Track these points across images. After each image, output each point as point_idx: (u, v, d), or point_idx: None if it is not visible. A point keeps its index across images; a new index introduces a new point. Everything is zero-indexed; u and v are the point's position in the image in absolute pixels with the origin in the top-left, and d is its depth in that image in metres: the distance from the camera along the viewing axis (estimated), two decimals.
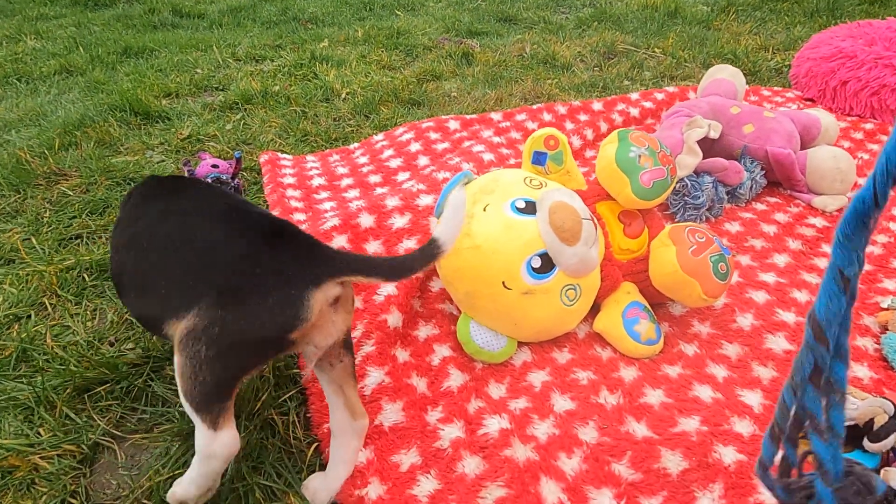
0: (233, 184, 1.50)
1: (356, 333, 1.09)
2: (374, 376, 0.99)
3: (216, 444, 0.71)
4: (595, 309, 1.13)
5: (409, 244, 1.24)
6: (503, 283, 1.01)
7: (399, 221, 1.30)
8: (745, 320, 1.12)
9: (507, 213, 1.03)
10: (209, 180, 1.48)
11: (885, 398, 0.85)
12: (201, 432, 0.72)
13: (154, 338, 1.07)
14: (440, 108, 2.16)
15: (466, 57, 2.75)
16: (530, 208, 1.04)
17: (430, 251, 0.74)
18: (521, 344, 1.09)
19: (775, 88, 2.21)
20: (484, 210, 1.05)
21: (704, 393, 0.97)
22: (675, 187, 1.41)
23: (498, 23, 3.55)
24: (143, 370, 1.01)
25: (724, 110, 1.54)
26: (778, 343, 1.07)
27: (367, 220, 1.29)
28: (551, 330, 1.07)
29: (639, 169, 1.09)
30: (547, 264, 1.01)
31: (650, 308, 1.10)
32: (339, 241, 1.25)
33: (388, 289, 1.15)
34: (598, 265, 1.07)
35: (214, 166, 1.50)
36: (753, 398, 0.96)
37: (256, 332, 0.70)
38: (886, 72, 1.85)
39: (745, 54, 2.79)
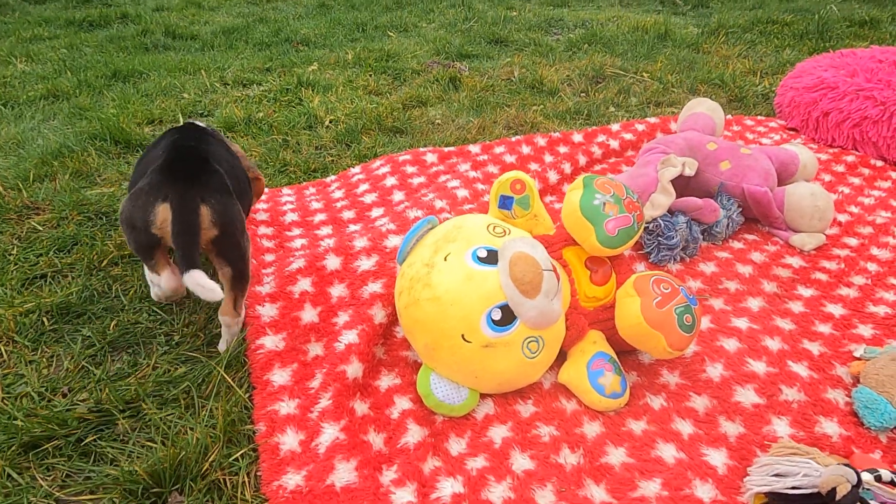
0: None
1: (314, 383, 1.06)
2: (329, 433, 0.95)
3: (161, 280, 1.07)
4: (562, 357, 1.10)
5: (374, 287, 1.22)
6: (462, 335, 0.98)
7: (365, 263, 1.27)
8: (715, 370, 1.09)
9: (469, 264, 1.00)
10: None
11: (848, 466, 0.81)
12: (147, 273, 1.15)
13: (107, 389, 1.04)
14: (423, 137, 2.13)
15: (453, 82, 2.74)
16: (492, 258, 1.01)
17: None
18: (484, 395, 1.05)
19: (759, 118, 2.18)
20: (445, 259, 1.02)
21: (668, 452, 0.94)
22: (649, 227, 1.38)
23: (489, 45, 3.54)
24: (94, 424, 0.98)
25: (700, 146, 1.52)
26: (747, 396, 1.03)
27: (333, 262, 1.26)
28: (513, 382, 1.04)
29: (604, 217, 1.06)
30: (508, 316, 0.98)
31: (616, 358, 1.07)
32: (303, 285, 1.23)
33: (349, 336, 1.12)
34: (562, 315, 1.03)
35: None
36: (718, 458, 0.93)
37: (130, 220, 1.03)
38: (868, 104, 1.82)
39: (733, 79, 2.77)
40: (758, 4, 4.57)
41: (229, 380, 1.05)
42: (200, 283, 0.96)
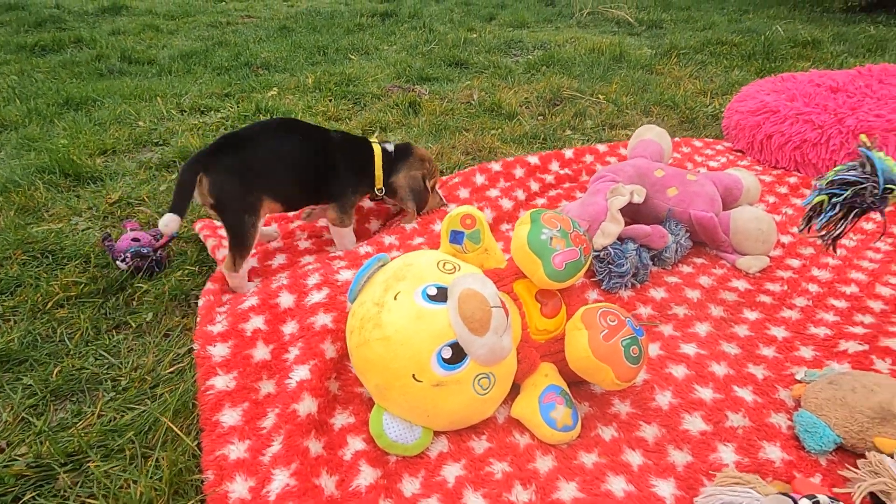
0: (154, 257, 1.45)
1: (266, 423, 1.04)
2: (280, 479, 0.93)
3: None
4: (515, 390, 1.10)
5: (325, 320, 1.21)
6: (413, 375, 0.97)
7: (316, 297, 1.26)
8: (664, 398, 1.11)
9: (418, 302, 1.00)
10: (128, 255, 1.42)
11: (787, 494, 0.83)
12: None
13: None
14: None
15: (413, 106, 2.76)
16: (442, 295, 1.01)
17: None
18: (439, 432, 1.05)
19: (707, 140, 2.25)
20: (395, 298, 1.02)
21: (617, 485, 0.94)
22: (600, 255, 1.40)
23: (449, 67, 3.58)
24: (33, 480, 0.94)
25: (648, 173, 1.56)
26: (694, 424, 1.05)
27: (286, 300, 1.25)
28: (466, 419, 1.04)
29: (551, 251, 1.07)
30: (458, 354, 0.98)
31: (568, 390, 1.08)
32: (256, 323, 1.21)
33: (301, 372, 1.10)
34: (512, 351, 1.04)
35: (135, 240, 1.45)
36: (666, 489, 0.94)
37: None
38: (807, 127, 1.90)
39: (684, 100, 2.85)
40: (708, 26, 4.74)
41: (175, 429, 1.02)
42: (162, 219, 1.24)
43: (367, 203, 1.71)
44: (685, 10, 5.45)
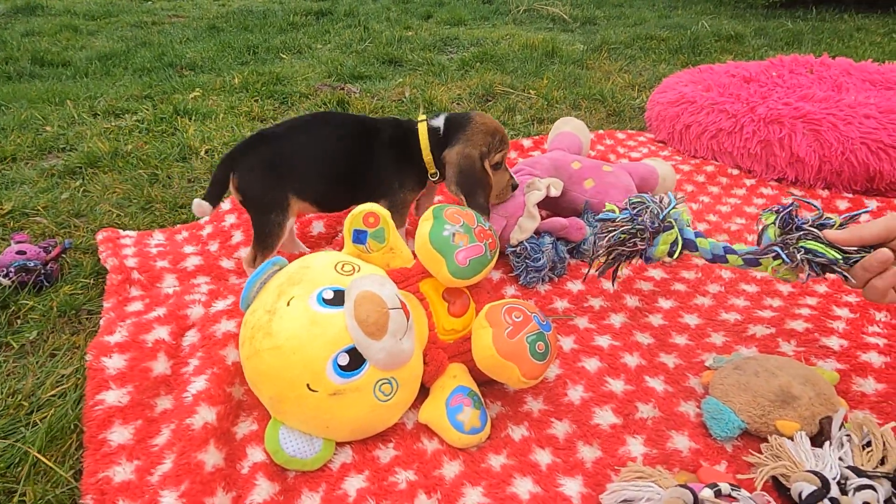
0: (43, 270, 1.33)
1: (160, 440, 0.96)
2: (166, 501, 0.86)
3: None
4: (425, 394, 1.06)
5: (228, 326, 1.13)
6: (308, 385, 0.91)
7: (220, 304, 1.18)
8: (576, 393, 1.08)
9: (313, 307, 0.94)
10: (12, 270, 1.30)
11: (686, 487, 0.81)
12: None
13: None
14: None
15: (342, 104, 2.68)
16: (339, 299, 0.96)
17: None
18: (343, 442, 0.99)
19: (630, 131, 2.27)
20: (288, 304, 0.95)
21: (523, 487, 0.91)
22: (516, 250, 1.37)
23: (382, 65, 3.51)
24: None
25: (565, 166, 1.54)
26: (605, 417, 1.03)
27: (198, 311, 1.16)
28: (369, 428, 0.98)
29: (453, 248, 1.03)
30: (356, 360, 0.92)
31: (477, 391, 1.03)
32: (160, 334, 1.12)
33: (198, 384, 1.03)
34: (415, 354, 0.99)
35: (20, 252, 1.33)
36: (573, 487, 0.91)
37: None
38: (722, 116, 1.93)
39: (612, 94, 2.88)
40: (638, 21, 4.83)
41: (45, 459, 0.92)
42: (196, 203, 1.27)
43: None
44: (618, 7, 5.55)
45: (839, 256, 0.91)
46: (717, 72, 2.25)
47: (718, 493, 0.84)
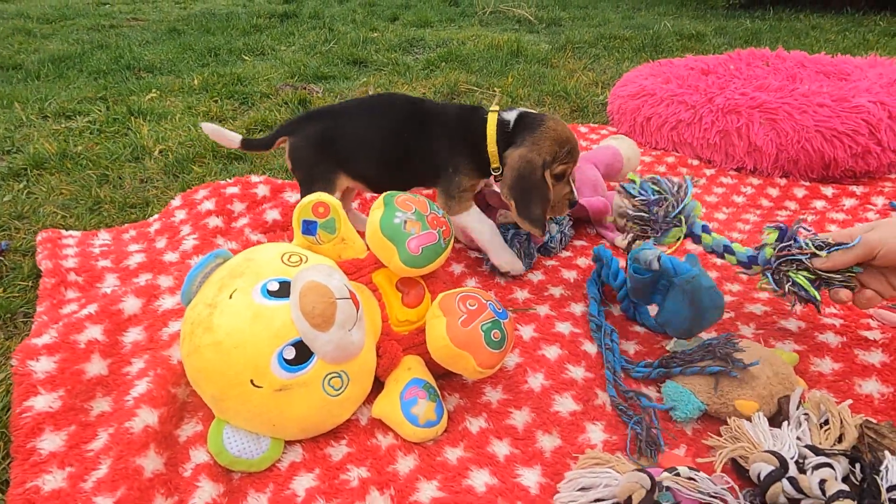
0: None
1: (96, 444, 0.91)
2: None
3: None
4: (379, 388, 1.01)
5: (177, 327, 1.08)
6: (251, 381, 0.86)
7: (168, 302, 1.12)
8: (536, 381, 1.05)
9: (257, 299, 0.89)
10: None
11: (643, 471, 0.79)
12: None
13: None
14: (262, 163, 2.00)
15: (303, 104, 2.62)
16: (284, 290, 0.91)
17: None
18: (294, 440, 0.94)
19: (592, 125, 2.26)
20: (230, 297, 0.90)
21: (480, 479, 0.87)
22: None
23: (347, 66, 3.47)
24: None
25: None
26: (565, 405, 1.00)
27: (132, 305, 1.10)
28: (319, 425, 0.93)
29: (405, 235, 0.99)
30: (303, 353, 0.88)
31: (433, 383, 1.00)
32: (93, 333, 1.06)
33: (140, 387, 0.97)
34: (367, 347, 0.95)
35: None
36: (531, 477, 0.88)
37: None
38: (681, 108, 1.94)
39: (576, 90, 2.88)
40: (602, 22, 4.88)
41: None
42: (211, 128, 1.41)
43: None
44: (583, 9, 5.60)
45: (818, 297, 1.02)
46: (676, 65, 2.27)
47: (678, 477, 0.82)
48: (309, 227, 1.07)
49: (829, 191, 1.74)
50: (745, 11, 5.48)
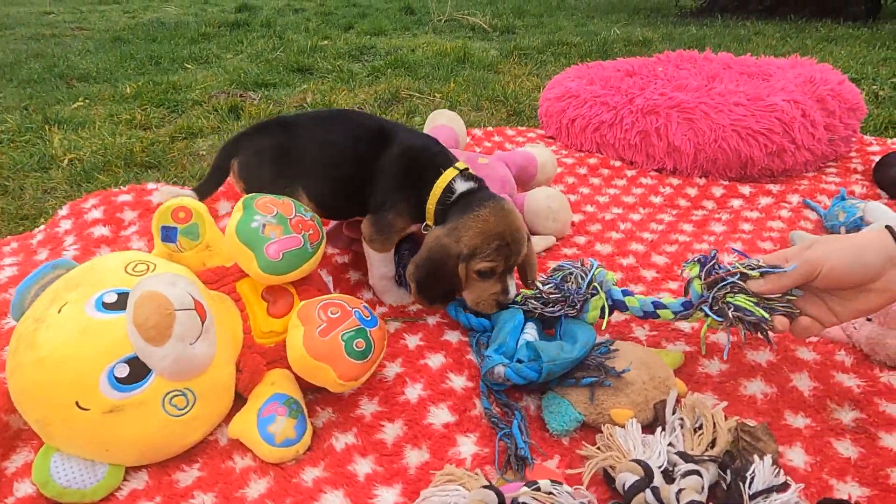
0: None
1: None
2: None
3: None
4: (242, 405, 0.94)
5: None
6: (77, 402, 0.78)
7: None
8: (414, 392, 0.98)
9: (90, 313, 0.81)
10: None
11: (491, 488, 0.73)
12: None
13: None
14: (178, 170, 1.91)
15: (235, 110, 2.54)
16: (122, 302, 0.83)
17: None
18: (141, 466, 0.86)
19: (520, 128, 2.22)
20: (59, 311, 0.82)
21: (332, 501, 0.80)
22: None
23: (291, 73, 3.39)
24: None
25: None
26: (439, 416, 0.94)
27: None
28: (163, 448, 0.85)
29: (263, 240, 0.92)
30: (138, 371, 0.80)
31: (298, 399, 0.92)
32: None
33: None
34: (221, 361, 0.87)
35: None
36: (388, 497, 0.81)
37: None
38: (603, 109, 1.91)
39: (515, 95, 2.85)
40: (555, 29, 4.88)
41: None
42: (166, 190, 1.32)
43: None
44: (537, 17, 5.62)
45: (767, 315, 0.88)
46: (605, 67, 2.24)
47: (538, 491, 0.75)
48: (169, 234, 0.99)
49: (746, 189, 1.72)
50: (695, 19, 5.55)
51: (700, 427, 0.85)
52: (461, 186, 1.10)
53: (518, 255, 1.07)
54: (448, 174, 1.11)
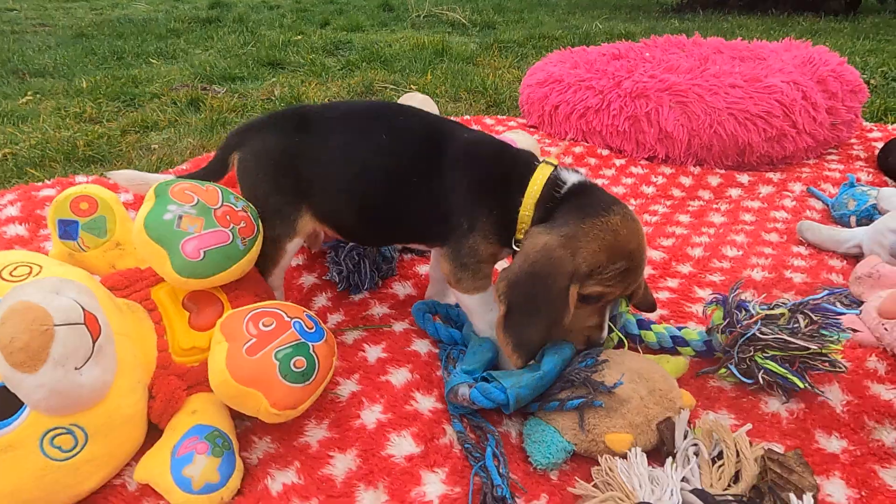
0: None
1: None
2: None
3: None
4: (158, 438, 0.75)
5: None
6: None
7: None
8: (372, 415, 0.81)
9: None
10: None
11: None
12: None
13: None
14: (123, 165, 1.72)
15: (195, 103, 2.34)
16: None
17: None
18: None
19: (500, 117, 2.06)
20: None
21: None
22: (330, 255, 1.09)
23: (262, 67, 3.19)
24: None
25: None
26: (401, 447, 0.76)
27: None
28: (44, 500, 0.66)
29: (179, 235, 0.74)
30: (7, 404, 0.61)
31: (226, 430, 0.74)
32: None
33: None
34: (124, 386, 0.69)
35: None
36: None
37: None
38: (588, 93, 1.75)
39: (495, 86, 2.68)
40: (536, 24, 4.73)
41: None
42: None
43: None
44: (518, 13, 5.47)
45: (801, 383, 0.78)
46: (589, 52, 2.09)
47: None
48: (68, 230, 0.80)
49: (744, 178, 1.57)
50: (677, 15, 5.44)
51: (720, 456, 0.69)
52: (570, 177, 0.83)
53: (637, 283, 0.81)
54: (542, 168, 0.84)
